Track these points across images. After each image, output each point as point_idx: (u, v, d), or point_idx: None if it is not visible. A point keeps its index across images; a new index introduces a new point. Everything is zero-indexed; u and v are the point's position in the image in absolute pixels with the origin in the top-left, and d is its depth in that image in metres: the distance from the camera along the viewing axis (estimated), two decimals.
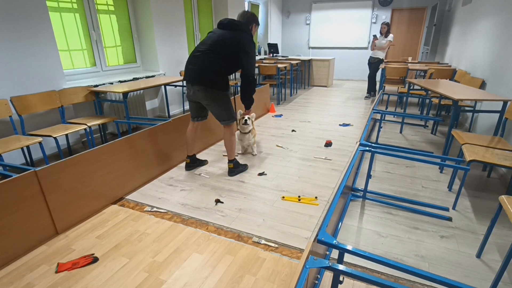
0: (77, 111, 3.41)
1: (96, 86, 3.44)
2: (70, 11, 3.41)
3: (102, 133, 3.57)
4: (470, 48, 4.52)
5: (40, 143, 2.54)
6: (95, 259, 1.72)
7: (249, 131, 3.13)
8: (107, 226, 2.02)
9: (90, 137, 3.07)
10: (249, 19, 2.57)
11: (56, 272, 1.62)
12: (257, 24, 2.68)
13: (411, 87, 4.94)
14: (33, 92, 2.88)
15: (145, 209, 2.23)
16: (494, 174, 2.79)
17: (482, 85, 3.64)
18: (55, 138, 2.66)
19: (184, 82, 4.49)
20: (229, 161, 2.78)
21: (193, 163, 2.91)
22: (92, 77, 3.78)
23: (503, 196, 1.57)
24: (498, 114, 2.75)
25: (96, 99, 3.43)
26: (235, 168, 2.79)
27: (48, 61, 2.99)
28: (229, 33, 2.45)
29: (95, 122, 3.05)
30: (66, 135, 3.12)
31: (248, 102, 2.67)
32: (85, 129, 2.93)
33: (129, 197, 2.41)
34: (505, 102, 2.66)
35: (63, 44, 3.39)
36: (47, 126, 2.98)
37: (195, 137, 2.81)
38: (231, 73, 2.54)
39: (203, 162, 3.00)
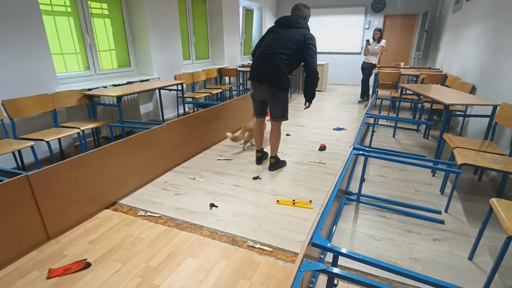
0: (70, 115, 3.37)
1: (89, 89, 3.42)
2: (63, 15, 3.40)
3: (96, 137, 3.54)
4: (461, 54, 4.62)
5: (32, 147, 2.51)
6: (88, 265, 1.69)
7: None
8: (100, 231, 2.00)
9: (83, 141, 3.04)
10: (306, 13, 2.70)
11: (48, 278, 1.60)
12: (309, 16, 2.80)
13: (404, 92, 5.01)
14: (25, 96, 2.85)
15: (138, 214, 2.21)
16: (485, 177, 2.83)
17: (472, 90, 3.71)
18: (47, 142, 2.63)
19: (179, 86, 4.49)
20: (271, 157, 2.96)
21: (263, 157, 3.13)
22: (86, 80, 3.75)
23: (493, 199, 1.60)
24: (488, 119, 2.80)
25: (89, 103, 3.40)
26: (276, 164, 2.98)
27: (41, 64, 2.96)
28: (292, 31, 2.58)
29: (88, 126, 3.03)
30: (59, 139, 3.09)
31: (311, 95, 2.77)
32: (78, 133, 2.91)
33: (122, 201, 2.38)
34: (494, 107, 2.71)
35: (56, 48, 3.37)
36: (39, 130, 2.94)
37: (263, 133, 3.06)
38: (292, 72, 2.70)
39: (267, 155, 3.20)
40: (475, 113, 3.26)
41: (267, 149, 3.37)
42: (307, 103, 2.86)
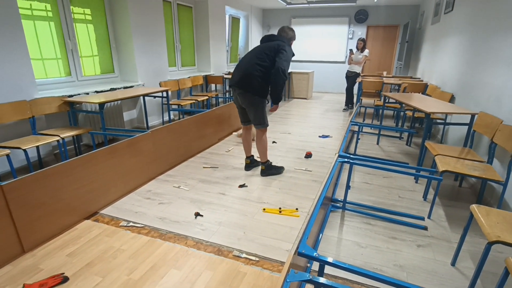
0: (50, 122, 3.26)
1: (70, 96, 3.32)
2: (44, 20, 3.31)
3: (76, 145, 3.44)
4: (440, 64, 4.79)
5: (7, 155, 2.40)
6: (65, 279, 1.61)
7: None
8: (79, 243, 1.92)
9: (63, 149, 2.94)
10: (290, 35, 2.83)
11: None
12: (294, 39, 2.90)
13: (387, 100, 5.13)
14: (2, 102, 2.73)
15: (120, 224, 2.13)
16: (465, 184, 2.91)
17: (452, 99, 3.84)
18: (24, 150, 2.52)
19: (164, 93, 4.44)
20: (262, 163, 2.99)
21: (252, 163, 3.15)
22: (67, 87, 3.65)
23: (474, 205, 1.64)
24: (467, 127, 2.90)
25: (70, 110, 3.30)
26: (267, 170, 2.99)
27: (19, 70, 2.86)
28: (269, 43, 2.72)
29: (68, 134, 2.93)
30: (37, 147, 2.98)
31: (275, 96, 2.71)
32: (57, 140, 2.81)
33: (103, 211, 2.30)
34: (472, 115, 2.81)
35: (36, 53, 3.27)
36: (16, 138, 2.83)
37: (250, 140, 3.06)
38: (268, 80, 2.68)
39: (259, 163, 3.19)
40: (454, 121, 3.37)
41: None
42: (273, 105, 2.86)
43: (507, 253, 1.91)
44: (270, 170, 3.00)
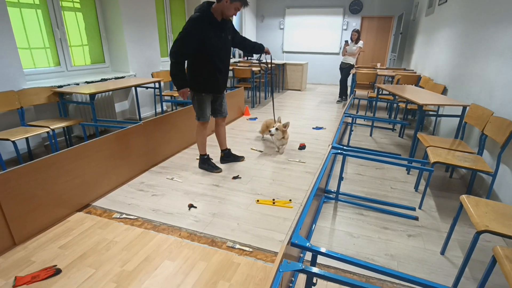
0: (39, 113, 3.20)
1: (60, 86, 3.25)
2: (31, 7, 3.21)
3: (67, 137, 3.38)
4: (433, 56, 4.80)
5: None
6: (58, 271, 1.61)
7: (281, 138, 3.26)
8: (72, 235, 1.90)
9: (53, 141, 2.89)
10: None
11: (14, 286, 1.50)
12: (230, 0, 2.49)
13: (380, 92, 5.14)
14: None
15: (113, 216, 2.12)
16: (456, 175, 2.96)
17: (444, 91, 3.87)
18: (13, 141, 2.47)
19: (157, 84, 4.38)
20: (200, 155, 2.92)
21: (227, 157, 3.08)
22: (56, 77, 3.57)
23: (463, 195, 1.67)
24: (458, 118, 2.93)
25: (60, 101, 3.24)
26: (201, 163, 2.93)
27: (6, 59, 2.78)
28: None
29: (58, 125, 2.88)
30: (26, 138, 2.92)
31: (173, 79, 2.49)
32: (47, 132, 2.76)
33: (96, 203, 2.29)
34: (464, 107, 2.83)
35: (23, 42, 3.18)
36: (4, 129, 2.76)
37: (218, 132, 2.99)
38: (201, 69, 2.54)
39: (239, 158, 3.13)
40: (446, 113, 3.40)
41: (251, 149, 3.33)
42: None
43: (495, 242, 1.96)
44: (203, 164, 2.90)
